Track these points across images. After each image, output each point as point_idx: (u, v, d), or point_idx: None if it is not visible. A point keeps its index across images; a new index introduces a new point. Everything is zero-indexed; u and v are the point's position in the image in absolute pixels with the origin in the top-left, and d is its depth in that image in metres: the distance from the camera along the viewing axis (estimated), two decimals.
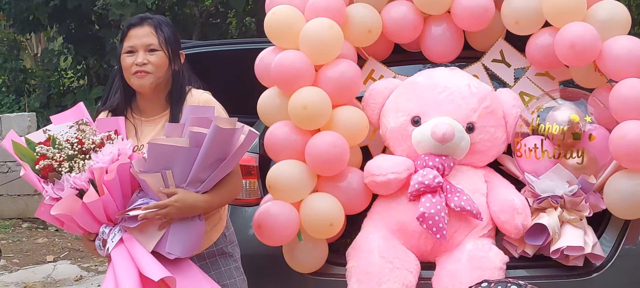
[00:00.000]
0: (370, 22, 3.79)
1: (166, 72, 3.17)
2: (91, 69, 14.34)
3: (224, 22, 13.91)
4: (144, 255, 2.89)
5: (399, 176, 3.59)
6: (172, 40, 3.19)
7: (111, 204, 2.93)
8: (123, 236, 2.93)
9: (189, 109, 3.02)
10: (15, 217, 10.07)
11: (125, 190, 2.96)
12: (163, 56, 3.15)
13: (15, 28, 14.43)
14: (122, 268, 2.87)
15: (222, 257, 3.25)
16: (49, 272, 7.76)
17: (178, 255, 2.95)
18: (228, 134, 2.91)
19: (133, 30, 3.16)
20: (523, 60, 3.88)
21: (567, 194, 3.50)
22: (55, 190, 2.90)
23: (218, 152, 2.93)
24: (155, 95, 3.20)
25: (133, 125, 3.22)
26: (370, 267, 3.46)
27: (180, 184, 2.95)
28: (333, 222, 3.60)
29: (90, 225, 2.96)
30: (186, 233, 2.98)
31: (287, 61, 3.62)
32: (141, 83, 3.14)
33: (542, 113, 3.60)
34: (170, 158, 2.90)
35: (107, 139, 3.00)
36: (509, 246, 3.61)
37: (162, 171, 2.91)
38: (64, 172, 2.90)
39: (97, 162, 2.91)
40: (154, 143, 2.90)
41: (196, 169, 2.93)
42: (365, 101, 3.84)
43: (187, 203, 2.94)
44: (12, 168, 9.84)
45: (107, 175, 2.87)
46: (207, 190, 3.01)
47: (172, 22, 3.34)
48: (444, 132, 3.55)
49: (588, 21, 3.57)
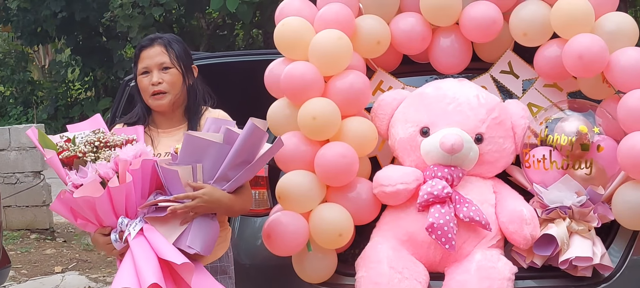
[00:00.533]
0: (379, 33, 3.81)
1: (182, 88, 3.29)
2: (99, 80, 14.41)
3: (231, 34, 13.96)
4: (164, 243, 2.95)
5: (408, 186, 3.61)
6: (183, 55, 3.31)
7: (132, 195, 2.98)
8: (143, 226, 2.98)
9: (212, 120, 3.13)
10: (23, 228, 10.08)
11: (145, 188, 3.03)
12: (176, 73, 3.26)
13: (23, 40, 14.51)
14: (143, 256, 2.91)
15: (223, 276, 3.28)
16: (57, 283, 7.78)
17: (198, 251, 2.99)
18: (261, 134, 3.01)
19: (144, 52, 3.29)
20: (531, 71, 3.90)
21: (575, 205, 3.51)
22: (79, 176, 2.95)
23: (247, 152, 3.01)
24: (172, 111, 3.32)
25: (149, 136, 3.31)
26: (379, 277, 3.48)
27: (208, 180, 3.02)
28: (342, 232, 3.61)
29: (108, 215, 3.00)
30: (206, 231, 3.03)
31: (296, 72, 3.64)
32: (159, 104, 3.27)
33: (550, 124, 3.61)
34: (202, 152, 2.99)
35: (128, 142, 3.06)
36: (518, 256, 3.62)
37: (193, 164, 2.98)
38: (88, 160, 2.96)
39: (122, 155, 2.98)
40: (190, 134, 3.00)
41: (225, 167, 3.01)
42: (374, 112, 3.86)
43: (213, 198, 3.01)
44: (21, 180, 9.88)
45: (132, 165, 2.94)
46: (231, 191, 3.07)
47: (180, 36, 3.42)
48: (452, 142, 3.56)
49: (596, 33, 3.59)
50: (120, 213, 3.00)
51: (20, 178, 9.87)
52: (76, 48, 14.11)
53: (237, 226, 4.05)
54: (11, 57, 17.97)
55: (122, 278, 2.93)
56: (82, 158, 2.98)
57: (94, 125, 3.22)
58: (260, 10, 12.15)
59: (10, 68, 17.01)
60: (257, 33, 14.59)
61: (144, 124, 3.32)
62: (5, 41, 19.12)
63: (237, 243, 4.02)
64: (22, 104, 15.87)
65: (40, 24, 13.48)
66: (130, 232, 2.97)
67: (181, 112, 3.33)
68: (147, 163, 2.99)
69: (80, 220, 3.07)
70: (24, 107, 15.74)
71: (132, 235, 2.96)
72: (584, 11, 3.61)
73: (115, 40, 13.25)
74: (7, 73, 16.83)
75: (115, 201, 2.96)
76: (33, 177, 9.78)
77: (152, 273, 2.86)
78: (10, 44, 18.55)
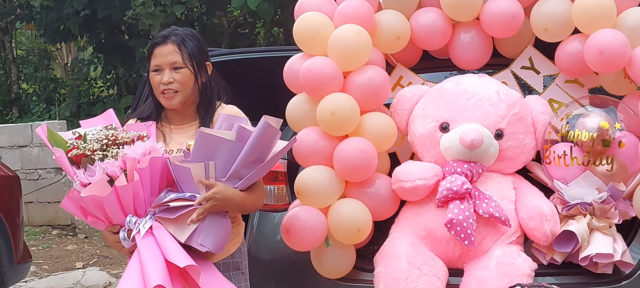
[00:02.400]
0: (398, 28, 3.80)
1: (193, 87, 3.25)
2: (121, 78, 14.47)
3: (252, 32, 13.98)
4: (171, 243, 2.93)
5: (427, 182, 3.59)
6: (197, 54, 3.25)
7: (140, 194, 2.97)
8: (153, 225, 2.97)
9: (224, 116, 3.10)
10: (45, 224, 10.17)
11: (154, 185, 3.01)
12: (188, 73, 3.23)
13: (46, 38, 14.60)
14: (149, 256, 2.90)
15: (236, 272, 3.27)
16: (79, 279, 7.83)
17: (209, 248, 2.98)
18: (274, 133, 3.00)
19: (157, 49, 3.25)
20: (552, 67, 3.87)
21: (596, 201, 3.49)
22: (87, 175, 2.95)
23: (260, 150, 3.00)
24: (184, 109, 3.30)
25: (162, 132, 3.29)
26: (398, 273, 3.47)
27: (220, 178, 3.01)
28: (361, 228, 3.60)
29: (116, 214, 2.99)
30: (218, 229, 3.02)
31: (315, 67, 3.64)
32: (170, 103, 3.25)
33: (571, 120, 3.58)
34: (215, 150, 2.97)
35: (138, 138, 3.05)
36: (538, 253, 3.60)
37: (205, 161, 2.97)
38: (96, 158, 2.95)
39: (130, 153, 2.96)
40: (203, 131, 2.98)
41: (238, 165, 2.99)
42: (393, 107, 3.85)
43: (226, 196, 3.00)
44: (43, 176, 9.96)
45: (139, 163, 2.93)
46: (243, 189, 3.06)
47: (199, 34, 3.38)
48: (472, 138, 3.54)
49: (618, 28, 3.56)
50: (128, 212, 2.99)
51: (42, 175, 9.95)
52: (98, 46, 14.17)
53: (256, 221, 4.05)
54: (34, 54, 18.11)
55: (128, 279, 2.93)
56: (90, 157, 2.97)
57: (106, 120, 3.21)
58: (281, 9, 12.16)
59: (33, 65, 17.13)
60: (278, 31, 14.60)
61: (157, 120, 3.31)
62: (28, 39, 19.26)
63: (256, 238, 4.03)
64: (45, 101, 15.97)
65: (63, 21, 13.56)
66: (139, 230, 2.96)
67: (194, 109, 3.30)
68: (156, 161, 2.98)
69: (90, 217, 3.07)
70: (46, 104, 15.83)
71: (142, 234, 2.95)
72: (605, 6, 3.57)
73: (137, 38, 13.30)
74: (30, 71, 16.96)
75: (123, 199, 2.96)
76: (55, 174, 9.86)
77: (158, 274, 2.84)
78: (33, 42, 18.69)
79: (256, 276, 3.98)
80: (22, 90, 16.93)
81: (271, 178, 3.97)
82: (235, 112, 3.27)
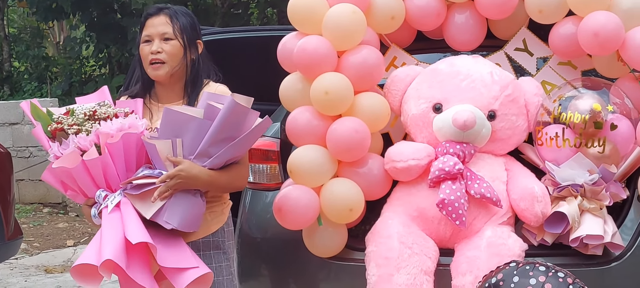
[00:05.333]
0: (393, 8, 3.79)
1: (181, 61, 3.26)
2: (113, 57, 14.44)
3: (245, 13, 13.95)
4: (132, 219, 2.93)
5: (420, 162, 3.60)
6: (188, 29, 3.27)
7: (111, 169, 2.97)
8: (121, 200, 2.98)
9: (206, 95, 3.09)
10: (36, 201, 10.17)
11: (129, 161, 3.02)
12: (177, 45, 3.23)
13: (38, 16, 14.54)
14: (109, 231, 2.91)
15: (216, 251, 3.27)
16: (69, 256, 7.85)
17: (175, 226, 2.98)
18: (242, 111, 2.98)
19: (150, 20, 3.28)
20: (546, 49, 3.87)
21: (587, 183, 3.50)
22: (61, 149, 2.97)
23: (230, 128, 2.98)
24: (172, 84, 3.29)
25: (149, 109, 3.30)
26: (389, 252, 3.48)
27: (188, 156, 3.00)
28: (353, 207, 3.61)
29: (88, 187, 3.01)
30: (186, 207, 3.01)
31: (309, 46, 3.63)
32: (157, 74, 3.24)
33: (563, 102, 3.59)
34: (182, 127, 2.97)
35: (124, 115, 3.05)
36: (529, 234, 3.61)
37: (172, 139, 2.97)
38: (71, 133, 2.97)
39: (104, 128, 2.97)
40: (170, 109, 2.99)
41: (206, 142, 2.98)
42: (387, 88, 3.85)
43: (191, 174, 2.99)
44: (34, 154, 9.94)
45: (111, 139, 2.94)
46: (212, 168, 3.05)
47: (192, 13, 3.39)
48: (465, 119, 3.55)
49: (612, 10, 3.56)
50: (101, 186, 3.00)
51: (33, 152, 9.93)
52: (91, 24, 14.12)
53: (249, 200, 4.06)
54: (26, 33, 18.05)
55: (85, 254, 2.94)
56: (65, 131, 2.98)
57: (100, 97, 3.23)
58: None
59: (25, 44, 17.08)
60: (272, 12, 14.57)
61: (144, 96, 3.31)
62: (20, 17, 19.19)
63: (248, 217, 4.04)
64: (37, 79, 15.93)
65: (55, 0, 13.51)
66: (108, 205, 2.97)
67: (181, 86, 3.30)
68: (130, 137, 2.98)
69: (69, 191, 3.10)
70: (38, 82, 15.79)
71: (109, 209, 2.96)
72: None
73: (129, 17, 13.26)
74: (22, 49, 16.91)
75: (94, 174, 2.97)
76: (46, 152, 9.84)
77: (111, 249, 2.84)
78: (25, 20, 18.62)
79: (248, 255, 4.02)
80: (13, 68, 16.87)
81: (263, 157, 3.97)
82: (220, 90, 3.24)
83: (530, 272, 2.80)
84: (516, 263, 2.88)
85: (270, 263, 4.00)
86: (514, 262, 2.90)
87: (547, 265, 2.82)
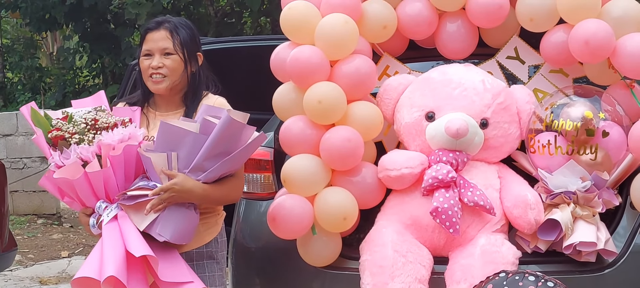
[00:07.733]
0: (385, 18, 3.81)
1: (182, 75, 3.28)
2: (106, 67, 14.40)
3: (239, 22, 13.93)
4: (132, 232, 2.94)
5: (413, 171, 3.61)
6: (189, 42, 3.29)
7: (112, 180, 2.99)
8: (118, 213, 2.99)
9: (205, 108, 3.11)
10: (30, 213, 10.14)
11: (128, 172, 3.04)
12: (178, 60, 3.25)
13: (31, 26, 14.49)
14: (110, 243, 2.92)
15: (210, 261, 3.29)
16: (64, 267, 7.83)
17: (167, 239, 2.99)
18: (238, 127, 2.99)
19: (150, 34, 3.28)
20: (537, 57, 3.89)
21: (580, 190, 3.52)
22: (62, 158, 2.98)
23: (225, 143, 2.99)
24: (171, 95, 3.32)
25: (146, 118, 3.32)
26: (384, 260, 3.49)
27: (183, 169, 3.02)
28: (347, 216, 3.62)
29: (88, 197, 3.02)
30: (179, 220, 3.03)
31: (302, 56, 3.64)
32: (157, 88, 3.27)
33: (555, 109, 3.61)
34: (178, 141, 2.98)
35: (121, 124, 3.06)
36: (522, 241, 3.62)
37: (168, 152, 2.98)
38: (72, 142, 2.97)
39: (106, 139, 2.98)
40: (166, 122, 3.00)
41: (201, 157, 3.00)
42: (379, 96, 3.86)
43: (185, 188, 3.00)
44: (28, 165, 9.93)
45: (113, 151, 2.95)
46: (207, 182, 3.06)
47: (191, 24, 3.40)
48: (458, 127, 3.57)
49: (602, 18, 3.58)
50: (100, 197, 3.01)
51: (27, 164, 9.92)
52: (84, 35, 14.08)
53: (243, 210, 4.06)
54: (19, 43, 17.99)
55: (87, 265, 2.95)
56: (67, 140, 2.99)
57: (96, 102, 3.24)
58: None
59: (18, 54, 17.03)
60: (265, 21, 14.56)
61: (143, 105, 3.33)
62: (13, 28, 19.14)
63: (242, 226, 4.04)
64: (30, 90, 15.87)
65: (49, 10, 13.46)
66: (105, 218, 2.98)
67: (180, 97, 3.32)
68: (131, 149, 3.00)
69: (66, 198, 3.11)
70: (32, 93, 15.74)
71: (105, 221, 2.97)
72: None
73: (123, 27, 13.23)
74: (15, 59, 16.85)
75: (95, 185, 2.98)
76: (40, 163, 9.83)
77: (113, 265, 2.85)
78: (18, 31, 18.57)
79: (242, 264, 4.02)
80: (7, 79, 16.82)
81: (257, 167, 3.97)
82: (219, 103, 3.27)
83: (520, 282, 2.80)
84: (506, 273, 2.88)
85: (265, 273, 4.00)
86: (503, 272, 2.90)
87: (537, 275, 2.83)
